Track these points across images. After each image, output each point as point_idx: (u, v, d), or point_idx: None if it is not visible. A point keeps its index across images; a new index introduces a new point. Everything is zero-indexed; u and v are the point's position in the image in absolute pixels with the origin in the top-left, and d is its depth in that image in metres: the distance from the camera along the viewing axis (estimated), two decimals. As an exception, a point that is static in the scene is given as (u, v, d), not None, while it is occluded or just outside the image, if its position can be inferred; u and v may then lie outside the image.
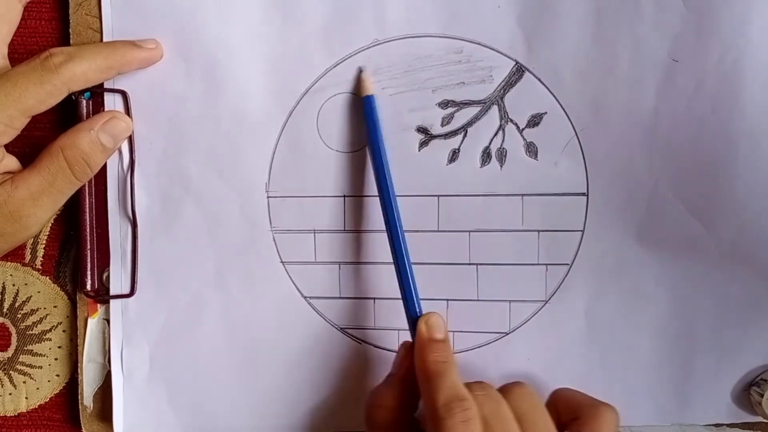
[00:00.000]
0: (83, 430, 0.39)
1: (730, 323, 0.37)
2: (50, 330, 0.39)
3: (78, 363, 0.39)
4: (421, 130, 0.37)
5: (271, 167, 0.37)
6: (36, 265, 0.39)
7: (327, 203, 0.37)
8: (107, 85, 0.37)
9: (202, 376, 0.38)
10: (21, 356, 0.39)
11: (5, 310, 0.39)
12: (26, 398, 0.40)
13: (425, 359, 0.32)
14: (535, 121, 0.36)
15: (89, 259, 0.38)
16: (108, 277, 0.38)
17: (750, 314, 0.36)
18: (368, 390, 0.34)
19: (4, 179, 0.34)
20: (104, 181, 0.37)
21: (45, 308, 0.39)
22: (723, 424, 0.38)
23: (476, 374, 0.37)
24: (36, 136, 0.37)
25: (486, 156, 0.37)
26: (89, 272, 0.38)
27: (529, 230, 0.37)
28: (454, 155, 0.37)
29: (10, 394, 0.40)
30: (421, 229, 0.37)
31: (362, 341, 0.38)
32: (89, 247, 0.38)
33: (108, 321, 0.38)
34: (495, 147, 0.37)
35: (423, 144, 0.37)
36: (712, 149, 0.35)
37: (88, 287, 0.38)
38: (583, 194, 0.37)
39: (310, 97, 0.37)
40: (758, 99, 0.35)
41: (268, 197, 0.37)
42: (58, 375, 0.39)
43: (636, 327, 0.37)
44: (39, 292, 0.39)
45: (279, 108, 0.37)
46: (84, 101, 0.36)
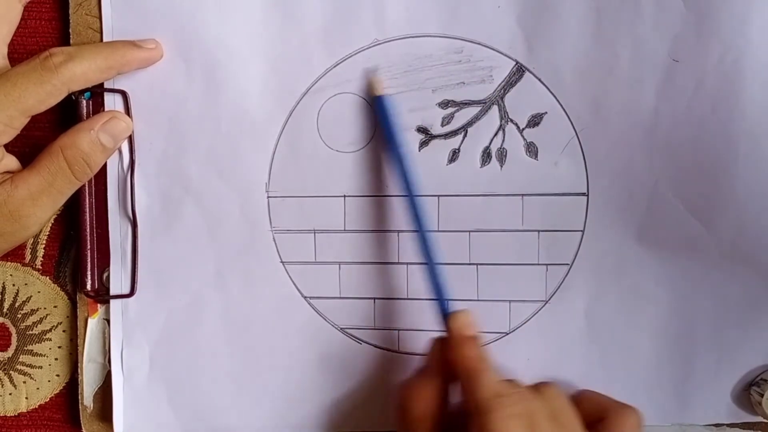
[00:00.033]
0: (83, 430, 0.39)
1: (730, 323, 0.37)
2: (50, 330, 0.39)
3: (78, 363, 0.39)
4: (421, 130, 0.37)
5: (271, 167, 0.37)
6: (36, 265, 0.39)
7: (327, 203, 0.37)
8: (107, 85, 0.37)
9: (202, 376, 0.38)
10: (21, 356, 0.39)
11: (5, 310, 0.39)
12: (26, 398, 0.40)
13: (463, 355, 0.32)
14: (536, 121, 0.36)
15: (89, 259, 0.38)
16: (108, 277, 0.38)
17: (750, 314, 0.36)
18: (368, 390, 0.34)
19: (4, 179, 0.34)
20: (104, 181, 0.37)
21: (45, 308, 0.39)
22: (723, 424, 0.38)
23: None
24: (36, 136, 0.37)
25: (486, 156, 0.37)
26: (89, 272, 0.38)
27: (529, 230, 0.37)
28: (454, 155, 0.37)
29: (10, 394, 0.40)
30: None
31: (362, 341, 0.38)
32: (89, 247, 0.38)
33: (108, 321, 0.38)
34: (495, 147, 0.37)
35: (423, 144, 0.37)
36: (712, 149, 0.35)
37: (88, 287, 0.38)
38: (583, 194, 0.37)
39: (310, 97, 0.37)
40: (758, 99, 0.35)
41: (268, 197, 0.37)
42: (58, 375, 0.39)
43: (636, 327, 0.37)
44: (39, 292, 0.39)
45: (279, 108, 0.37)
46: (84, 101, 0.36)
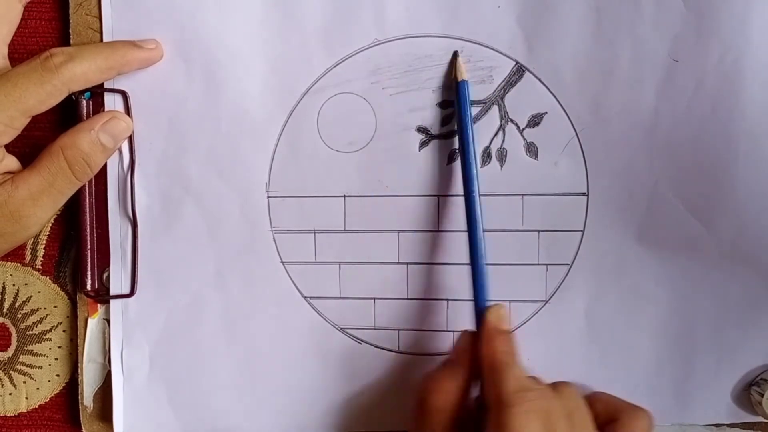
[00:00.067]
0: (83, 430, 0.39)
1: (730, 323, 0.37)
2: (50, 330, 0.39)
3: (78, 363, 0.39)
4: (421, 130, 0.37)
5: (271, 167, 0.37)
6: (36, 265, 0.39)
7: (327, 203, 0.37)
8: (107, 85, 0.37)
9: (202, 376, 0.38)
10: (21, 356, 0.39)
11: (5, 310, 0.39)
12: (26, 398, 0.40)
13: (494, 349, 0.32)
14: (536, 121, 0.36)
15: (89, 259, 0.38)
16: (108, 277, 0.38)
17: (750, 314, 0.36)
18: (368, 390, 0.34)
19: (5, 179, 0.34)
20: (104, 181, 0.37)
21: (45, 308, 0.39)
22: (723, 424, 0.38)
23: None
24: (36, 136, 0.37)
25: (486, 156, 0.37)
26: (89, 272, 0.38)
27: (529, 230, 0.37)
28: (454, 155, 0.37)
29: (10, 394, 0.40)
30: (422, 229, 0.37)
31: (362, 341, 0.38)
32: (89, 247, 0.38)
33: (108, 321, 0.38)
34: (495, 147, 0.37)
35: (423, 144, 0.37)
36: (712, 149, 0.35)
37: (88, 287, 0.38)
38: (583, 194, 0.37)
39: (310, 97, 0.37)
40: (758, 99, 0.35)
41: (268, 197, 0.37)
42: (58, 375, 0.39)
43: (636, 327, 0.37)
44: (39, 292, 0.39)
45: (279, 108, 0.37)
46: (84, 101, 0.36)
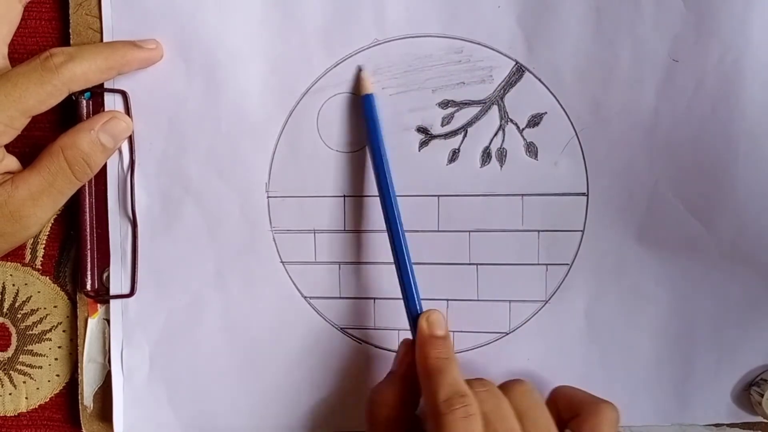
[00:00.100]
0: (83, 430, 0.39)
1: (730, 323, 0.37)
2: (50, 330, 0.39)
3: (78, 363, 0.39)
4: (421, 130, 0.37)
5: (271, 167, 0.37)
6: (36, 265, 0.39)
7: (327, 203, 0.37)
8: (107, 85, 0.37)
9: (202, 376, 0.38)
10: (21, 356, 0.39)
11: (5, 310, 0.39)
12: (26, 398, 0.40)
13: (426, 355, 0.32)
14: (535, 121, 0.36)
15: (89, 259, 0.38)
16: (108, 277, 0.38)
17: (750, 314, 0.36)
18: (368, 390, 0.34)
19: (5, 179, 0.34)
20: (104, 181, 0.37)
21: (45, 308, 0.39)
22: (723, 424, 0.38)
23: (476, 374, 0.36)
24: (36, 136, 0.37)
25: (486, 156, 0.37)
26: (89, 272, 0.38)
27: (529, 230, 0.37)
28: (454, 155, 0.37)
29: (10, 394, 0.40)
30: (421, 229, 0.37)
31: (362, 341, 0.38)
32: (89, 247, 0.38)
33: (108, 321, 0.38)
34: (495, 147, 0.37)
35: (423, 144, 0.37)
36: (712, 149, 0.35)
37: (88, 287, 0.38)
38: (583, 194, 0.37)
39: (310, 97, 0.37)
40: (758, 99, 0.35)
41: (268, 197, 0.37)
42: (58, 375, 0.39)
43: (636, 327, 0.37)
44: (39, 292, 0.39)
45: (279, 108, 0.37)
46: (84, 101, 0.36)
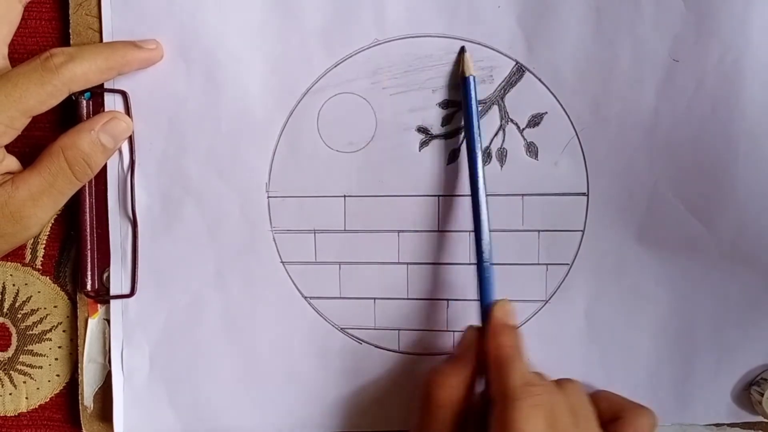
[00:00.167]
0: (83, 430, 0.39)
1: (730, 323, 0.37)
2: (50, 330, 0.39)
3: (78, 363, 0.39)
4: (421, 130, 0.37)
5: (271, 167, 0.37)
6: (36, 265, 0.39)
7: (327, 203, 0.37)
8: (107, 86, 0.37)
9: (202, 376, 0.38)
10: (21, 356, 0.39)
11: (5, 310, 0.39)
12: (26, 398, 0.40)
13: (499, 344, 0.32)
14: (536, 121, 0.36)
15: (89, 259, 0.38)
16: (108, 277, 0.38)
17: (750, 314, 0.36)
18: (368, 390, 0.34)
19: (5, 180, 0.34)
20: (104, 181, 0.37)
21: (45, 308, 0.39)
22: (723, 424, 0.38)
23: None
24: (36, 136, 0.37)
25: (486, 156, 0.37)
26: (89, 272, 0.38)
27: (530, 230, 0.37)
28: (454, 155, 0.37)
29: (10, 394, 0.40)
30: (421, 229, 0.37)
31: (362, 341, 0.38)
32: (89, 247, 0.38)
33: (108, 321, 0.38)
34: (495, 147, 0.37)
35: (423, 144, 0.37)
36: (712, 149, 0.35)
37: (89, 287, 0.38)
38: (584, 194, 0.37)
39: (310, 97, 0.37)
40: (758, 99, 0.35)
41: (268, 197, 0.37)
42: (59, 375, 0.39)
43: (636, 327, 0.37)
44: (39, 292, 0.39)
45: (279, 108, 0.37)
46: (84, 101, 0.36)
